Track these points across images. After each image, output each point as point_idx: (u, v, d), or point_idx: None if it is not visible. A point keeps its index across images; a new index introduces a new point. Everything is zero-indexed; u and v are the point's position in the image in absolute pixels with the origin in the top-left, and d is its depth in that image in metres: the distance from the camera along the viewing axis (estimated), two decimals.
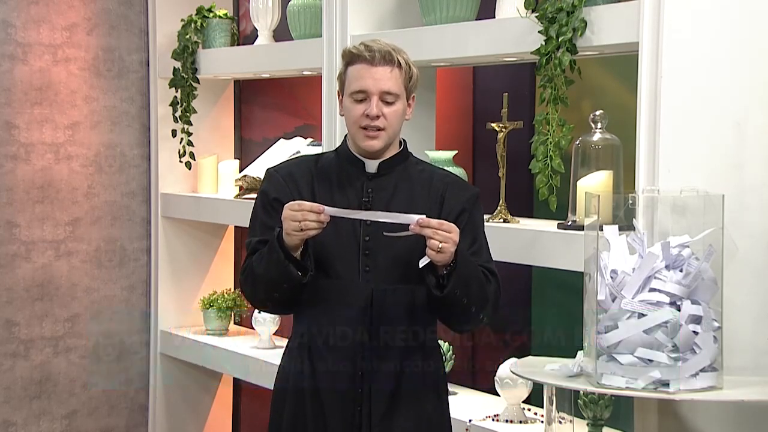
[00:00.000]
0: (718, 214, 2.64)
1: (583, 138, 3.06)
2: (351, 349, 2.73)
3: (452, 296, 2.63)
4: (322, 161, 2.83)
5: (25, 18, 4.67)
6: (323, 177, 2.78)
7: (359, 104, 2.70)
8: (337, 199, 2.74)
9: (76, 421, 4.88)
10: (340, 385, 2.73)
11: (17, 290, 4.71)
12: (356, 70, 2.70)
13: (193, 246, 4.95)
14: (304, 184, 2.77)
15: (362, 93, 2.69)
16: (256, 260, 2.72)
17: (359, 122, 2.70)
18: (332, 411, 2.73)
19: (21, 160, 4.69)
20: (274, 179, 2.81)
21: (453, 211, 2.75)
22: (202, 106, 4.81)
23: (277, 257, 2.63)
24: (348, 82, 2.72)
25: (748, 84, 2.79)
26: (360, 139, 2.73)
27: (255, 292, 2.77)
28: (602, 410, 3.16)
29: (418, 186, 2.78)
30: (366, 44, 2.71)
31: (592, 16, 2.94)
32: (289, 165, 2.87)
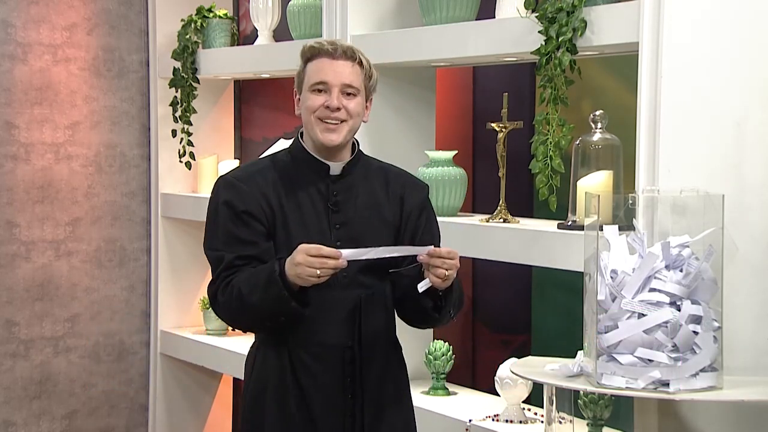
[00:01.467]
0: (718, 214, 2.64)
1: (583, 138, 3.06)
2: (339, 357, 2.70)
3: (446, 313, 2.69)
4: (280, 164, 2.74)
5: (25, 18, 4.68)
6: (286, 182, 2.70)
7: (319, 95, 2.66)
8: (304, 205, 2.68)
9: (76, 421, 4.88)
10: (328, 394, 2.69)
11: (17, 290, 4.71)
12: (317, 63, 2.67)
13: (193, 246, 4.95)
14: (270, 192, 2.68)
15: (323, 84, 2.65)
16: (245, 288, 2.60)
17: (319, 113, 2.65)
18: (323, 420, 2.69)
19: (21, 160, 4.69)
20: (239, 189, 2.69)
21: (413, 212, 2.76)
22: (202, 106, 4.81)
23: (278, 293, 2.55)
24: (307, 77, 2.68)
25: (748, 84, 2.79)
26: (319, 132, 2.66)
27: (241, 318, 2.68)
28: (602, 410, 3.16)
29: (378, 186, 2.77)
30: (326, 40, 2.70)
31: (592, 16, 2.94)
32: (249, 173, 2.73)
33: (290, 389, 2.70)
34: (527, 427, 3.36)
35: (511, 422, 3.38)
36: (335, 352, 2.69)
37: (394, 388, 2.77)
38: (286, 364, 2.71)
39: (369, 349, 2.71)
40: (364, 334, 2.70)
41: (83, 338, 4.87)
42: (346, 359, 2.70)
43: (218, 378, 5.05)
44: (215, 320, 4.76)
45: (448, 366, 3.67)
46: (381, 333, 2.74)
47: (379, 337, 2.74)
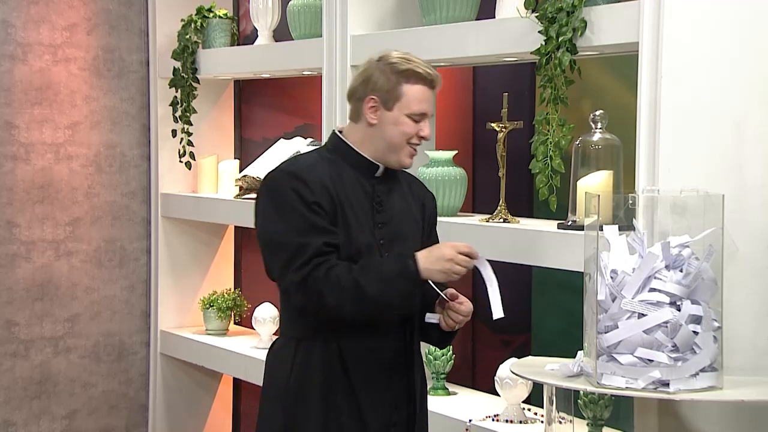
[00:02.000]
0: (718, 214, 2.64)
1: (583, 138, 3.06)
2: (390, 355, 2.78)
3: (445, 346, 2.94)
4: (332, 162, 2.77)
5: (25, 18, 4.68)
6: (337, 179, 2.74)
7: (415, 123, 2.73)
8: (353, 203, 2.73)
9: (76, 421, 4.88)
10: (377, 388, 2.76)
11: (17, 290, 4.71)
12: (419, 91, 2.71)
13: (193, 246, 4.95)
14: (330, 186, 2.72)
15: (422, 115, 2.73)
16: (365, 282, 2.62)
17: (412, 140, 2.74)
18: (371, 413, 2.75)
19: (21, 160, 4.69)
20: (308, 183, 2.69)
21: (431, 219, 2.90)
22: (202, 106, 4.81)
23: (410, 289, 2.64)
24: (407, 101, 2.71)
25: (748, 84, 2.79)
26: (404, 156, 2.75)
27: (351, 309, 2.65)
28: (602, 410, 3.16)
29: (406, 189, 2.85)
30: (424, 66, 2.73)
31: (592, 16, 2.94)
32: (310, 166, 2.75)
33: (338, 379, 2.74)
34: (527, 427, 3.36)
35: (511, 422, 3.38)
36: (388, 348, 2.77)
37: (423, 386, 2.89)
38: (335, 357, 2.74)
39: (411, 347, 2.83)
40: (411, 333, 2.82)
41: (83, 338, 4.87)
42: (393, 355, 2.78)
43: (218, 378, 5.05)
44: (215, 320, 4.76)
45: (448, 366, 3.68)
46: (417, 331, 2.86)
47: (416, 336, 2.86)
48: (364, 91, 2.73)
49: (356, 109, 2.76)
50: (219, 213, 4.56)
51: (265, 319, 4.46)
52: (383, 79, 2.71)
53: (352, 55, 3.73)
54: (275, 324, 4.49)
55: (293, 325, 2.80)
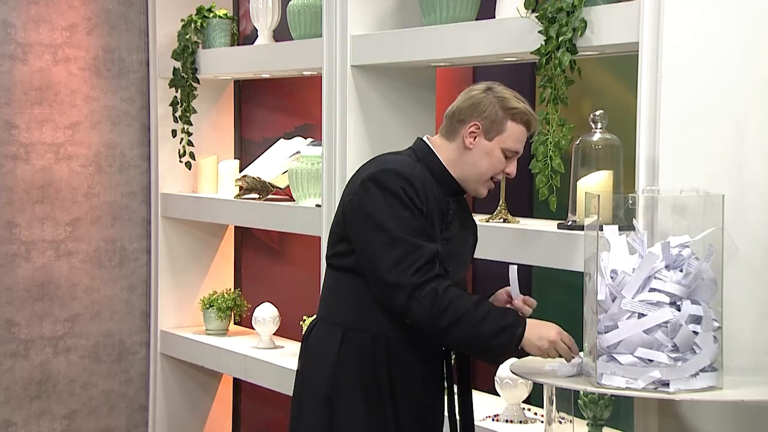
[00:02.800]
0: (718, 214, 2.64)
1: (583, 138, 3.06)
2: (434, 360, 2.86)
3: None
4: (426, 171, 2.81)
5: (25, 18, 4.68)
6: (430, 191, 2.78)
7: (506, 159, 2.78)
8: (435, 217, 2.78)
9: (76, 421, 4.88)
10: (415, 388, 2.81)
11: (17, 290, 4.71)
12: (520, 131, 2.77)
13: (193, 246, 4.95)
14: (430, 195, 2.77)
15: (515, 154, 2.79)
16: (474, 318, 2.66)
17: (497, 175, 2.80)
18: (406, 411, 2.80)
19: (21, 160, 4.69)
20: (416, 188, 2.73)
21: (476, 240, 2.95)
22: (202, 106, 4.81)
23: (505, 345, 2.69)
24: (507, 136, 2.76)
25: (748, 84, 2.79)
26: (482, 187, 2.82)
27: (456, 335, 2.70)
28: (602, 410, 3.16)
29: (465, 210, 2.92)
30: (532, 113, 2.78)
31: (592, 16, 2.94)
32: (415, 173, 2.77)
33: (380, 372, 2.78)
34: (527, 427, 3.36)
35: (511, 422, 3.39)
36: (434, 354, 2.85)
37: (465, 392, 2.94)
38: (381, 351, 2.78)
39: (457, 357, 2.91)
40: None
41: (83, 338, 4.87)
42: (437, 358, 2.85)
43: (218, 378, 5.05)
44: (215, 320, 4.76)
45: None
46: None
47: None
48: (470, 115, 2.78)
49: (454, 129, 2.80)
50: (219, 213, 4.56)
51: (265, 319, 4.46)
52: (492, 109, 2.76)
53: (352, 55, 3.73)
54: (275, 324, 4.49)
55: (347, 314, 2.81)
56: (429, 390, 2.85)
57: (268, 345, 4.48)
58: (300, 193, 4.08)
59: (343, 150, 3.73)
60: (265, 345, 4.48)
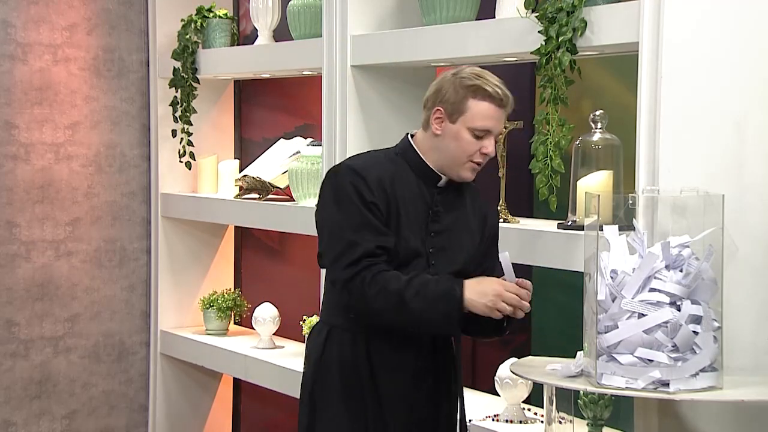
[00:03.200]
0: (718, 214, 2.64)
1: (583, 138, 3.06)
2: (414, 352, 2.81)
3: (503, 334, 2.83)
4: (396, 166, 2.80)
5: (25, 18, 4.67)
6: (399, 183, 2.78)
7: (477, 140, 2.74)
8: (409, 209, 2.77)
9: (76, 421, 4.88)
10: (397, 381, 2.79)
11: (17, 290, 4.71)
12: (486, 108, 2.72)
13: (193, 246, 4.95)
14: (389, 190, 2.75)
15: (486, 132, 2.73)
16: (408, 295, 2.65)
17: (473, 157, 2.75)
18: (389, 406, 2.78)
19: (21, 160, 4.69)
20: (368, 181, 2.73)
21: (492, 232, 2.91)
22: (202, 106, 4.81)
23: (450, 313, 2.65)
24: (471, 115, 2.72)
25: (748, 84, 2.79)
26: (464, 171, 2.77)
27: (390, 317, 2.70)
28: (602, 410, 3.16)
29: (468, 201, 2.87)
30: (495, 84, 2.73)
31: (592, 16, 2.94)
32: (373, 166, 2.78)
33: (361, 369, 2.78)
34: (527, 427, 3.36)
35: (511, 422, 3.38)
36: (411, 346, 2.80)
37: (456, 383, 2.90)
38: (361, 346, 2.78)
39: (441, 349, 2.85)
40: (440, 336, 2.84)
41: (83, 338, 4.87)
42: (420, 354, 2.81)
43: (218, 378, 5.05)
44: (215, 320, 4.76)
45: None
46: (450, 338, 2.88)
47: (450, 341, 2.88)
48: (434, 102, 2.78)
49: (426, 117, 2.81)
50: (219, 213, 4.56)
51: (265, 319, 4.46)
52: (451, 91, 2.75)
53: (352, 55, 3.73)
54: (275, 324, 4.49)
55: (330, 312, 2.86)
56: (420, 388, 2.82)
57: (268, 345, 4.48)
58: (300, 193, 4.08)
59: (343, 150, 3.73)
60: (265, 345, 4.48)
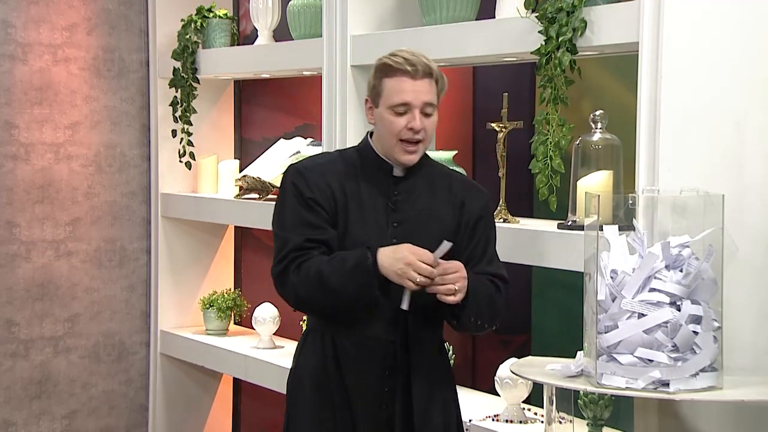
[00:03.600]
0: (718, 214, 2.64)
1: (583, 138, 3.06)
2: (382, 351, 2.77)
3: (467, 321, 2.73)
4: (348, 161, 2.82)
5: (25, 18, 4.67)
6: (351, 177, 2.78)
7: (400, 117, 2.71)
8: (365, 201, 2.76)
9: (76, 421, 4.88)
10: (368, 384, 2.77)
11: (17, 290, 4.71)
12: (397, 82, 2.70)
13: (193, 246, 4.95)
14: (336, 186, 2.76)
15: (405, 106, 2.70)
16: (327, 272, 2.65)
17: (401, 135, 2.72)
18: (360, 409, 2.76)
19: (21, 160, 4.69)
20: (308, 179, 2.76)
21: (472, 218, 2.82)
22: (202, 106, 4.81)
23: (365, 280, 2.63)
24: (387, 94, 2.72)
25: (748, 84, 2.79)
26: (399, 153, 2.74)
27: (316, 299, 2.70)
28: (602, 410, 3.16)
29: (439, 189, 2.83)
30: (405, 57, 2.71)
31: (592, 16, 2.94)
32: (318, 165, 2.82)
33: (331, 373, 2.77)
34: (527, 427, 3.36)
35: (511, 422, 3.38)
36: (379, 344, 2.77)
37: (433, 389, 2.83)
38: (328, 350, 2.78)
39: (414, 346, 2.79)
40: (410, 332, 2.78)
41: (83, 338, 4.87)
42: (388, 352, 2.78)
43: (218, 378, 5.05)
44: (215, 320, 4.76)
45: None
46: (426, 334, 2.82)
47: (424, 338, 2.81)
48: (366, 95, 2.80)
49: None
50: (219, 213, 4.56)
51: (265, 319, 4.46)
52: (371, 78, 2.77)
53: (352, 55, 3.73)
54: (275, 324, 4.49)
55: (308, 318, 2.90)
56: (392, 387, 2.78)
57: (268, 345, 4.48)
58: None
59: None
60: (265, 345, 4.48)
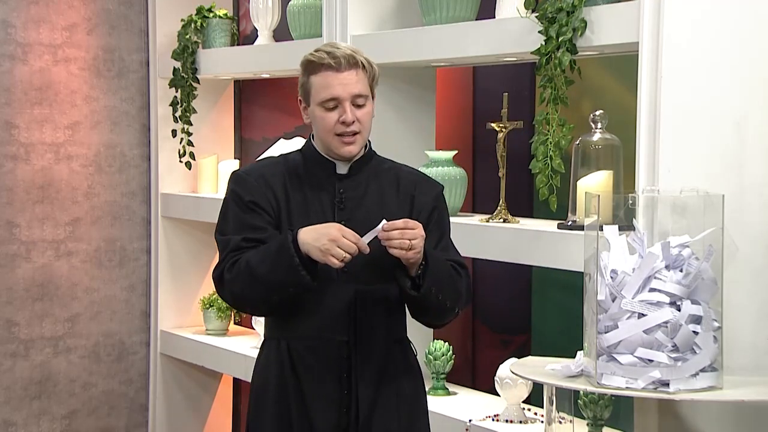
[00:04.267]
0: (718, 214, 2.64)
1: (583, 138, 3.06)
2: (335, 352, 2.72)
3: (428, 294, 2.65)
4: (290, 163, 2.80)
5: (25, 18, 4.68)
6: (294, 179, 2.76)
7: (331, 112, 2.69)
8: (310, 201, 2.73)
9: (76, 421, 4.88)
10: (325, 388, 2.72)
11: (17, 290, 4.71)
12: (322, 78, 2.68)
13: (193, 246, 4.95)
14: (277, 186, 2.74)
15: (333, 101, 2.67)
16: (254, 261, 2.64)
17: (335, 130, 2.69)
18: (319, 414, 2.71)
19: (21, 160, 4.69)
20: (247, 182, 2.75)
21: (424, 209, 2.77)
22: (202, 106, 4.81)
23: (289, 262, 2.59)
24: (315, 91, 2.70)
25: (748, 84, 2.79)
26: (337, 147, 2.71)
27: (247, 291, 2.67)
28: (602, 410, 3.16)
29: (387, 185, 2.78)
30: (326, 51, 2.69)
31: (592, 16, 2.94)
32: (259, 167, 2.81)
33: (289, 381, 2.74)
34: (527, 427, 3.36)
35: (511, 422, 3.38)
36: (331, 345, 2.72)
37: (395, 388, 2.77)
38: (285, 356, 2.74)
39: (366, 345, 2.73)
40: (360, 330, 2.72)
41: (83, 338, 4.87)
42: (342, 354, 2.72)
43: (218, 378, 5.05)
44: (215, 320, 4.76)
45: (448, 366, 3.67)
46: (380, 331, 2.75)
47: (378, 335, 2.74)
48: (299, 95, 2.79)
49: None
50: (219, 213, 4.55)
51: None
52: (300, 79, 2.76)
53: None
54: None
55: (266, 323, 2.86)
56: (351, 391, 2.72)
57: None
58: None
59: None
60: None
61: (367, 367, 2.73)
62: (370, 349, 2.73)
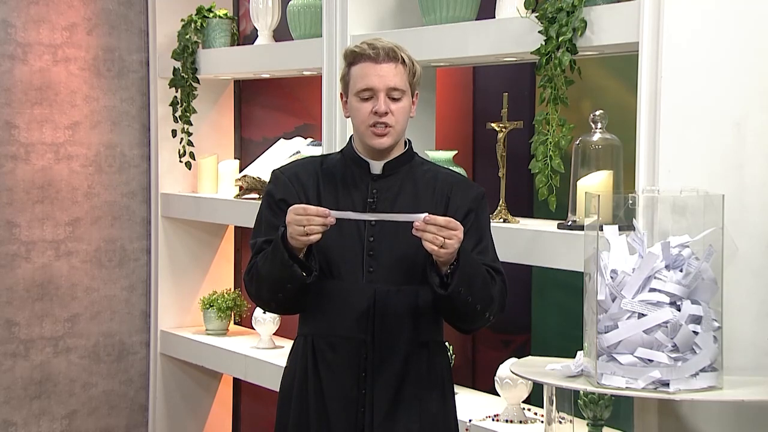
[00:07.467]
0: (718, 214, 2.64)
1: (583, 138, 3.06)
2: (354, 351, 2.72)
3: (456, 294, 2.61)
4: (328, 162, 2.83)
5: (25, 18, 4.68)
6: (328, 178, 2.78)
7: (366, 102, 2.70)
8: (342, 200, 2.74)
9: (76, 421, 4.88)
10: (343, 386, 2.73)
11: (17, 290, 4.71)
12: (361, 68, 2.70)
13: (193, 246, 4.95)
14: (310, 185, 2.77)
15: (369, 91, 2.69)
16: (260, 260, 2.71)
17: (367, 121, 2.70)
18: (336, 413, 2.73)
19: (21, 160, 4.69)
20: (280, 180, 2.80)
21: (459, 211, 2.74)
22: (202, 106, 4.81)
23: (281, 257, 2.62)
24: (353, 82, 2.71)
25: (748, 84, 2.79)
26: (369, 138, 2.71)
27: (259, 292, 2.75)
28: (602, 410, 3.16)
29: (423, 186, 2.78)
30: (368, 43, 2.71)
31: (592, 16, 2.94)
32: (295, 166, 2.86)
33: (310, 377, 2.76)
34: (527, 427, 3.36)
35: (511, 422, 3.39)
36: (351, 344, 2.73)
37: (416, 390, 2.75)
38: (309, 353, 2.77)
39: (385, 346, 2.72)
40: (379, 330, 2.72)
41: (83, 338, 4.87)
42: (361, 353, 2.73)
43: (218, 378, 5.05)
44: (215, 320, 4.76)
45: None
46: (403, 332, 2.73)
47: (400, 337, 2.73)
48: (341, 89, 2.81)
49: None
50: (219, 213, 4.56)
51: (265, 319, 4.46)
52: (341, 73, 2.78)
53: None
54: (275, 324, 4.49)
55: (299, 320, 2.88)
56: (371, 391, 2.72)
57: (268, 345, 4.48)
58: None
59: None
60: (265, 345, 4.48)
61: (386, 368, 2.72)
62: (390, 349, 2.72)
